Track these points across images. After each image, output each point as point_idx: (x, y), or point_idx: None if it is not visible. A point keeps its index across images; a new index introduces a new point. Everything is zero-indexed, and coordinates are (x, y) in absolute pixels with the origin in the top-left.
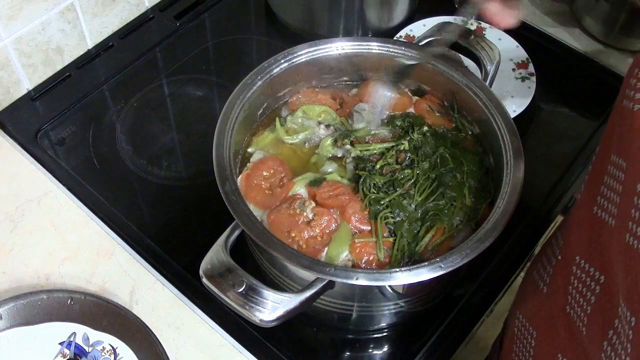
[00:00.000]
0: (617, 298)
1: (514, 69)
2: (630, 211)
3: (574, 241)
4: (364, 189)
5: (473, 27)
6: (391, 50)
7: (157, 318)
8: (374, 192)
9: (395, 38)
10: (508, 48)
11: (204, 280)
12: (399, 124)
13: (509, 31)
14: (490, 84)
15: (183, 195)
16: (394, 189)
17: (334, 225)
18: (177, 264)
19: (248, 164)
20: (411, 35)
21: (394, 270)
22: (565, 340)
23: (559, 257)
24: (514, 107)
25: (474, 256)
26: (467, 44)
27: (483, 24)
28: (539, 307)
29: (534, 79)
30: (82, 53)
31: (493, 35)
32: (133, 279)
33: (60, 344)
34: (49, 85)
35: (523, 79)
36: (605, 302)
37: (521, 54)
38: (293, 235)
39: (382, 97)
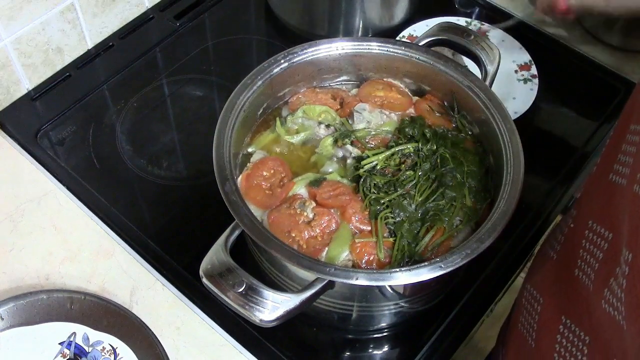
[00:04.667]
0: (620, 248)
1: (516, 71)
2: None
3: (588, 209)
4: (365, 189)
5: (476, 28)
6: (391, 50)
7: (157, 318)
8: (374, 192)
9: (397, 38)
10: (511, 49)
11: (204, 280)
12: (409, 131)
13: (512, 33)
14: (491, 84)
15: (183, 195)
16: (394, 189)
17: (334, 225)
18: (177, 264)
19: (248, 164)
20: (414, 35)
21: (394, 270)
22: (570, 301)
23: (572, 225)
24: (516, 109)
25: (474, 256)
26: (467, 44)
27: (486, 26)
28: (547, 274)
29: (536, 81)
30: (82, 53)
31: (496, 36)
32: (133, 279)
33: (60, 344)
34: (49, 85)
35: (525, 80)
36: (611, 255)
37: (524, 55)
38: (293, 235)
39: None
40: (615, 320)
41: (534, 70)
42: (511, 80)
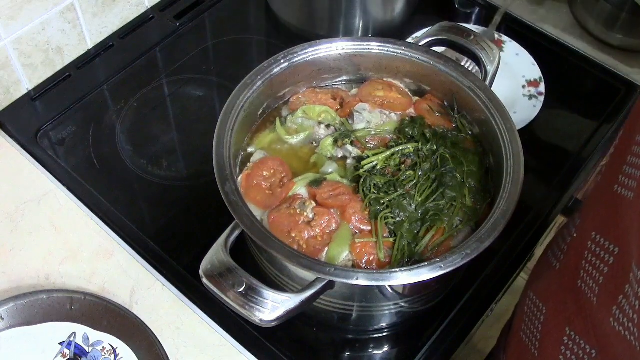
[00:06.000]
0: (629, 265)
1: (524, 86)
2: None
3: (591, 219)
4: (365, 189)
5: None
6: (391, 50)
7: (157, 318)
8: (374, 192)
9: (408, 40)
10: (523, 64)
11: (204, 280)
12: (409, 131)
13: (526, 46)
14: (490, 84)
15: (183, 195)
16: (394, 189)
17: (334, 225)
18: (177, 264)
19: (248, 164)
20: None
21: (394, 270)
22: (574, 313)
23: (575, 235)
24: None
25: (474, 256)
26: (467, 44)
27: (503, 37)
28: (551, 283)
29: (541, 98)
30: (82, 53)
31: (511, 49)
32: (133, 279)
33: (60, 344)
34: (49, 85)
35: (530, 97)
36: (617, 270)
37: (535, 72)
38: (293, 235)
39: None
40: (626, 340)
41: (541, 88)
42: (516, 95)
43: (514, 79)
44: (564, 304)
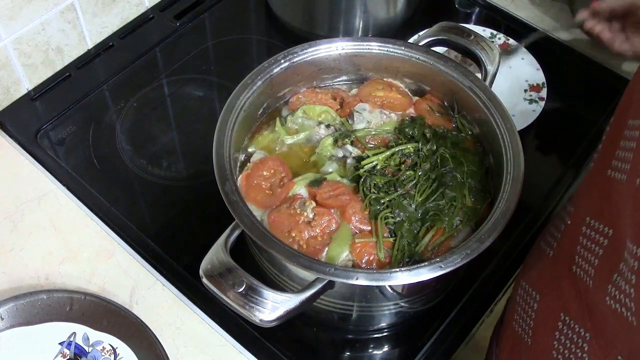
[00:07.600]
0: (623, 245)
1: (526, 90)
2: None
3: (585, 205)
4: (365, 189)
5: (500, 42)
6: (391, 50)
7: (157, 318)
8: (374, 192)
9: (410, 41)
10: (528, 69)
11: (204, 280)
12: (409, 131)
13: (532, 50)
14: (490, 84)
15: (183, 195)
16: (394, 189)
17: (334, 225)
18: (177, 264)
19: (248, 164)
20: None
21: (394, 270)
22: (569, 298)
23: (569, 222)
24: None
25: (474, 256)
26: (467, 44)
27: (510, 40)
28: (544, 271)
29: (542, 103)
30: (82, 53)
31: (518, 53)
32: (133, 279)
33: (60, 344)
34: (49, 85)
35: (531, 101)
36: (612, 251)
37: (538, 77)
38: (293, 235)
39: None
40: (622, 317)
41: (543, 93)
42: (517, 98)
43: (517, 83)
44: (559, 290)
